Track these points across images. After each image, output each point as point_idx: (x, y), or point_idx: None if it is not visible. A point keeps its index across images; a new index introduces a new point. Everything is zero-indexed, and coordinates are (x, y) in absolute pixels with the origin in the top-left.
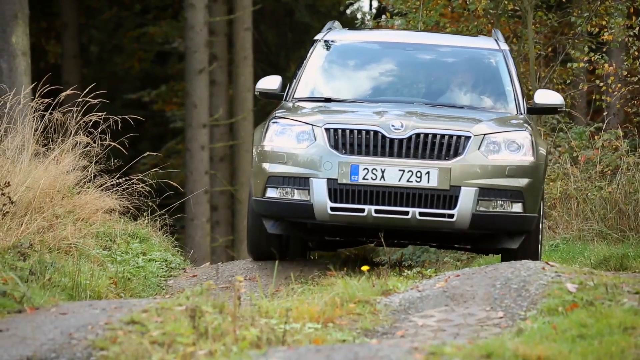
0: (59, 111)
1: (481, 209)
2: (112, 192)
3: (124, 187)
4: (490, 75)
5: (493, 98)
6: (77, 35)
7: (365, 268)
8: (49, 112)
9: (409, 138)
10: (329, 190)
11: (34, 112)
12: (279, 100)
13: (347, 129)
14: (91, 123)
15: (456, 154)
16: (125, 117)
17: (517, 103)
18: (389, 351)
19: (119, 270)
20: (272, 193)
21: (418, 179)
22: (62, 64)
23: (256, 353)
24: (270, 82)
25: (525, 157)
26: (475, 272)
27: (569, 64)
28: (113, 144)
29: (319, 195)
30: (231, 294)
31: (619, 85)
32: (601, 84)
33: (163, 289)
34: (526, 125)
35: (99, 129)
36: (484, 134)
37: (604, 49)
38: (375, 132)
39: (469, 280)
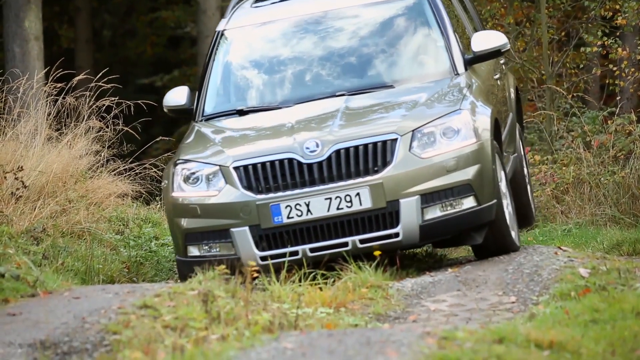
0: (72, 96)
1: (428, 217)
2: (125, 176)
3: (136, 171)
4: (416, 33)
5: (425, 61)
6: (89, 19)
7: (377, 253)
8: (61, 96)
9: (328, 159)
10: (254, 238)
11: (47, 97)
12: (189, 116)
13: (258, 163)
14: (104, 108)
15: (385, 163)
16: (138, 102)
17: (452, 61)
18: (401, 336)
19: (131, 254)
20: (194, 251)
21: (349, 204)
22: (75, 49)
23: (268, 337)
24: (177, 96)
25: (465, 142)
26: (488, 257)
27: (582, 49)
28: (126, 128)
29: (244, 246)
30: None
31: (633, 69)
32: (614, 69)
33: (175, 274)
34: (463, 95)
35: (112, 114)
36: (412, 130)
37: (618, 33)
38: (290, 160)
39: (481, 265)
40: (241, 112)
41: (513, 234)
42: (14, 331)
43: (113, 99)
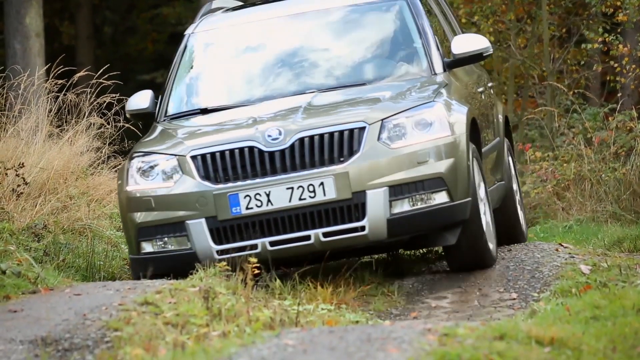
0: (73, 92)
1: (397, 210)
2: None
3: None
4: (394, 33)
5: (401, 62)
6: (90, 16)
7: None
8: (62, 93)
9: (291, 147)
10: (211, 231)
11: (48, 93)
12: (152, 119)
13: (217, 151)
14: (105, 104)
15: (352, 152)
16: None
17: (430, 61)
18: (402, 332)
19: None
20: (147, 247)
21: (312, 194)
22: (76, 45)
23: (269, 334)
24: (140, 100)
25: (438, 135)
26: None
27: (583, 45)
28: (127, 125)
29: (200, 240)
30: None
31: (634, 66)
32: (615, 65)
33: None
34: (438, 92)
35: (113, 110)
36: (382, 119)
37: (619, 30)
38: (250, 149)
39: None
40: (205, 111)
41: (490, 245)
42: (15, 328)
43: (114, 95)
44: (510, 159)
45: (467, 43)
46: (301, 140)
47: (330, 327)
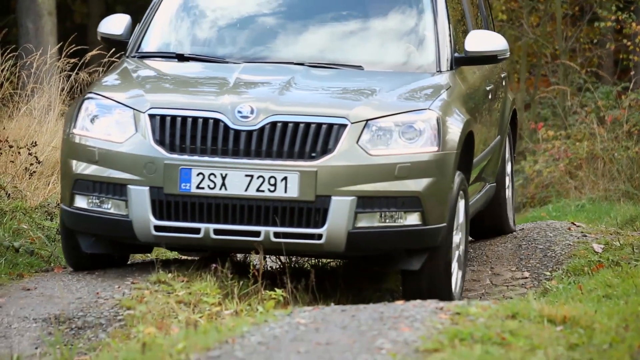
0: (85, 71)
1: (361, 224)
2: None
3: None
4: (406, 15)
5: (406, 48)
6: None
7: None
8: (75, 72)
9: (261, 129)
10: (153, 202)
11: (60, 72)
12: (123, 49)
13: (179, 115)
14: None
15: (326, 150)
16: None
17: (438, 55)
18: (414, 311)
19: None
20: (81, 202)
21: (272, 187)
22: (88, 24)
23: (282, 313)
24: (115, 24)
25: (424, 149)
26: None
27: (596, 23)
28: None
29: (139, 210)
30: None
31: None
32: (628, 43)
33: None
34: (437, 96)
35: None
36: (367, 120)
37: (632, 8)
38: (216, 122)
39: (494, 240)
40: (181, 57)
41: (453, 279)
42: (28, 306)
43: None
44: (508, 154)
45: (483, 41)
46: (273, 124)
47: (343, 306)
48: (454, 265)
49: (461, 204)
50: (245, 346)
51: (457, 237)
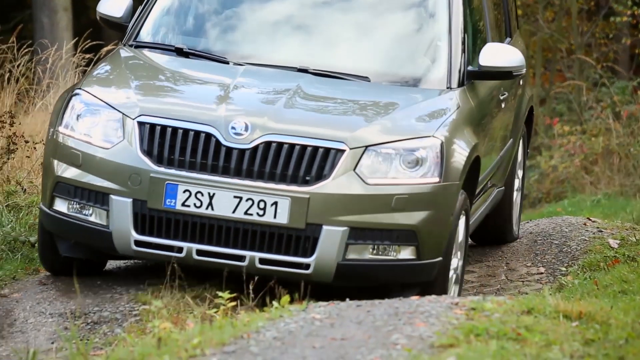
0: None
1: (352, 256)
2: None
3: None
4: (420, 24)
5: (416, 60)
6: None
7: None
8: (90, 67)
9: (254, 149)
10: (135, 215)
11: (76, 68)
12: (123, 33)
13: (169, 126)
14: None
15: (321, 175)
16: None
17: (450, 69)
18: (430, 307)
19: None
20: (61, 206)
21: (261, 211)
22: None
23: (297, 308)
24: (114, 5)
25: (425, 179)
26: None
27: (611, 18)
28: None
29: (121, 222)
30: None
31: None
32: None
33: None
34: (445, 120)
35: None
36: (366, 146)
37: None
38: (208, 136)
39: None
40: (180, 52)
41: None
42: (44, 300)
43: None
44: (521, 156)
45: (498, 55)
46: (268, 144)
47: (358, 302)
48: (451, 286)
49: (461, 224)
50: (260, 341)
51: (455, 261)
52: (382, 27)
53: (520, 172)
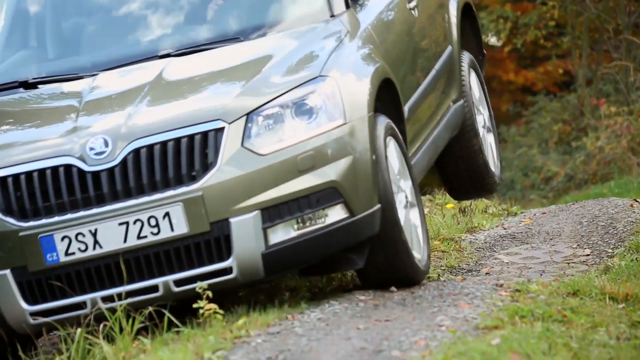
0: None
1: (275, 240)
2: None
3: None
4: None
5: (285, 1)
6: None
7: (450, 206)
8: None
9: (123, 163)
10: (20, 285)
11: None
12: None
13: (21, 173)
14: None
15: (207, 165)
16: None
17: None
18: (474, 288)
19: None
20: None
21: (154, 230)
22: None
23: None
24: None
25: (327, 126)
26: (562, 210)
27: None
28: None
29: (7, 299)
30: None
31: None
32: None
33: None
34: (332, 53)
35: None
36: (247, 113)
37: None
38: (67, 168)
39: (555, 217)
40: (26, 85)
41: (417, 256)
42: None
43: None
44: (475, 78)
45: None
46: (136, 152)
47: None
48: (410, 230)
49: (392, 151)
50: (305, 322)
51: (403, 212)
52: None
53: (479, 119)
